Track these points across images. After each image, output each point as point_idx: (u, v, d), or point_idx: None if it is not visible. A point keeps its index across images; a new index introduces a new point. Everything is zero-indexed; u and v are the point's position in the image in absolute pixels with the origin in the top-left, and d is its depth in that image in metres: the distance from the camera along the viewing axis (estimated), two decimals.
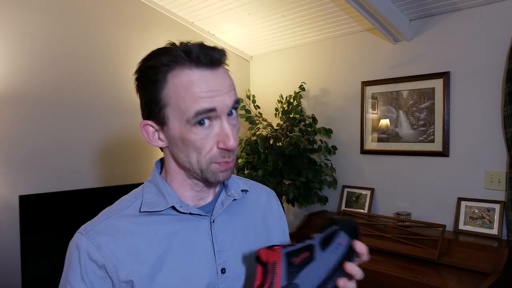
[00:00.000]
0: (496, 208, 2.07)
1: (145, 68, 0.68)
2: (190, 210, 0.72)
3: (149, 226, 0.70)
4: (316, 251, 0.63)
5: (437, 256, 1.94)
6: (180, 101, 0.64)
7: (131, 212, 0.73)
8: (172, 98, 0.64)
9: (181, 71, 0.64)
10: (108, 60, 2.61)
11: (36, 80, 2.28)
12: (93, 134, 2.53)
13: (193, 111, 0.63)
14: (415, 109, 2.41)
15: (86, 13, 2.49)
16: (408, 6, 2.25)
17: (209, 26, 3.01)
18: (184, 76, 0.64)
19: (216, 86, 0.64)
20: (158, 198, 0.72)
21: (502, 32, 2.06)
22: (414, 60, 2.42)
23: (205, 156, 0.66)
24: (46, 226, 2.02)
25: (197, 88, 0.63)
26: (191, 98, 0.63)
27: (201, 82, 0.63)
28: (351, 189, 2.71)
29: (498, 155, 2.09)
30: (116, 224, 0.70)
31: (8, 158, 2.18)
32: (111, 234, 0.69)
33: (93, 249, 0.67)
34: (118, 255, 0.67)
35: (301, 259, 0.62)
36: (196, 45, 0.64)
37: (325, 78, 2.91)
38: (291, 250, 0.63)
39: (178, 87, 0.64)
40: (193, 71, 0.64)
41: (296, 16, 2.62)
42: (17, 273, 1.98)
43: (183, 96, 0.63)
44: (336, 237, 0.64)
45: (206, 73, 0.64)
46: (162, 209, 0.71)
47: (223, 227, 0.75)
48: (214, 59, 0.65)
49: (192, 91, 0.63)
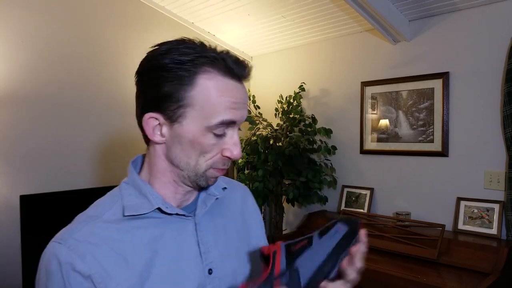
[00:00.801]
0: (495, 208, 2.07)
1: (169, 61, 0.63)
2: (176, 211, 0.69)
3: (133, 231, 0.66)
4: (313, 239, 0.65)
5: (436, 256, 1.95)
6: (209, 106, 0.63)
7: (111, 217, 0.67)
8: (200, 101, 0.63)
9: (215, 76, 0.63)
10: (108, 60, 2.61)
11: (36, 80, 2.28)
12: (93, 134, 2.53)
13: (218, 119, 0.63)
14: (414, 109, 2.41)
15: (86, 13, 2.50)
16: (408, 6, 2.26)
17: (210, 26, 3.01)
18: (220, 82, 0.63)
19: (242, 99, 0.66)
20: (140, 200, 0.68)
21: (502, 32, 2.07)
22: (414, 61, 2.42)
23: (208, 160, 0.66)
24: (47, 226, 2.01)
25: (230, 98, 0.63)
26: (222, 106, 0.63)
27: (234, 93, 0.64)
28: (351, 189, 2.72)
29: (497, 155, 2.09)
30: (97, 231, 0.65)
31: (8, 158, 2.18)
32: (94, 243, 0.63)
33: (76, 259, 0.61)
34: (105, 265, 0.62)
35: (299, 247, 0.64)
36: (228, 55, 0.65)
37: (325, 78, 2.91)
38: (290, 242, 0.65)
39: (211, 91, 0.62)
40: (228, 80, 0.64)
41: (296, 16, 2.63)
42: (18, 273, 1.98)
43: (214, 102, 0.63)
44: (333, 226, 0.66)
45: (238, 85, 0.65)
46: (146, 211, 0.67)
47: (206, 227, 0.73)
48: (246, 74, 0.66)
49: (225, 100, 0.63)
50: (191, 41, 0.66)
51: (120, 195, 0.70)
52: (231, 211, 0.82)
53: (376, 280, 1.89)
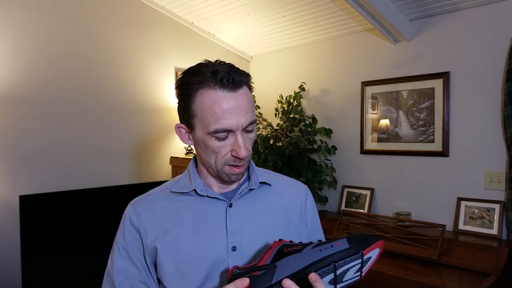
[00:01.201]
0: (496, 208, 2.07)
1: (181, 83, 0.80)
2: (208, 194, 0.85)
3: (176, 203, 0.86)
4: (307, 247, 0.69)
5: (437, 256, 1.94)
6: (204, 116, 0.76)
7: (167, 191, 0.89)
8: (198, 112, 0.77)
9: (207, 90, 0.76)
10: (108, 60, 2.61)
11: (36, 80, 2.28)
12: (93, 134, 2.53)
13: (212, 128, 0.75)
14: (415, 109, 2.41)
15: (86, 13, 2.50)
16: (408, 6, 2.25)
17: (209, 26, 3.01)
18: (209, 96, 0.75)
19: (235, 108, 0.75)
20: (187, 183, 0.88)
21: (502, 32, 2.06)
22: (414, 60, 2.42)
23: (221, 159, 0.79)
24: (46, 226, 2.02)
25: (218, 108, 0.74)
26: (213, 116, 0.75)
27: (222, 103, 0.74)
28: (351, 189, 2.71)
29: (498, 155, 2.09)
30: (155, 199, 0.88)
31: (8, 158, 2.18)
32: (148, 207, 0.86)
33: (134, 216, 0.85)
34: (149, 223, 0.84)
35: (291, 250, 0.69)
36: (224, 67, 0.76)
37: (325, 78, 2.91)
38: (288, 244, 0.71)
39: (203, 104, 0.76)
40: (217, 92, 0.75)
41: (296, 16, 2.62)
42: (18, 273, 1.98)
43: (206, 113, 0.75)
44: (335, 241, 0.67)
45: (228, 95, 0.75)
46: (187, 191, 0.86)
47: (239, 211, 0.86)
48: (235, 82, 0.75)
49: (214, 111, 0.75)
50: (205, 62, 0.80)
51: (180, 177, 0.92)
52: (274, 204, 0.91)
53: (376, 280, 1.89)
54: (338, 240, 0.67)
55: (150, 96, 2.82)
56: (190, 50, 3.03)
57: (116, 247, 0.86)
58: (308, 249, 0.67)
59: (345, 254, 0.65)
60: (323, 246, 0.67)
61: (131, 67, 2.71)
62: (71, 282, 2.10)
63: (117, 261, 0.85)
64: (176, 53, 2.95)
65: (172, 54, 2.93)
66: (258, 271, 0.67)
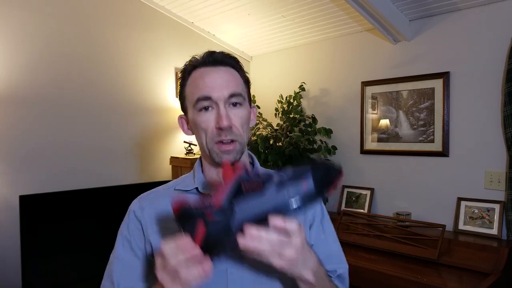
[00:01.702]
0: (496, 208, 2.07)
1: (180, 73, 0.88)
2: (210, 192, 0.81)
3: None
4: (269, 187, 0.61)
5: (437, 256, 1.94)
6: (190, 93, 0.83)
7: (172, 189, 0.91)
8: (188, 90, 0.84)
9: (194, 72, 0.83)
10: (108, 60, 2.61)
11: (36, 80, 2.28)
12: (93, 134, 2.53)
13: (195, 98, 0.80)
14: (415, 109, 2.41)
15: (86, 13, 2.50)
16: (408, 6, 2.25)
17: (209, 26, 3.01)
18: (194, 74, 0.83)
19: (215, 79, 0.80)
20: (190, 181, 0.89)
21: (502, 32, 2.06)
22: (414, 60, 2.42)
23: (209, 136, 0.81)
24: (46, 226, 2.02)
25: (200, 80, 0.81)
26: (196, 88, 0.81)
27: (203, 76, 0.81)
28: (351, 189, 2.71)
29: (498, 155, 2.09)
30: (160, 195, 0.90)
31: (8, 158, 2.18)
32: (152, 202, 0.88)
33: (138, 209, 0.88)
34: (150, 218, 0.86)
35: (250, 190, 0.61)
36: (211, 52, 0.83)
37: (325, 78, 2.91)
38: (247, 178, 0.62)
39: (191, 81, 0.83)
40: (201, 68, 0.83)
41: (296, 16, 2.62)
42: (17, 273, 1.98)
43: (192, 89, 0.82)
44: (300, 179, 0.61)
45: (208, 69, 0.82)
46: (189, 189, 0.87)
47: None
48: (216, 59, 0.82)
49: (197, 83, 0.81)
50: None
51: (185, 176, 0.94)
52: None
53: (376, 280, 1.89)
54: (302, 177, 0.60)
55: (150, 96, 2.81)
56: (190, 50, 3.00)
57: (120, 238, 0.88)
58: (271, 192, 0.60)
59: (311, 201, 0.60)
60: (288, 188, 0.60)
61: (131, 67, 2.71)
62: (71, 282, 2.10)
63: (119, 251, 0.86)
64: (176, 53, 2.95)
65: (172, 54, 2.93)
66: (214, 214, 0.59)
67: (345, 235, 2.30)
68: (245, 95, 0.84)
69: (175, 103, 2.97)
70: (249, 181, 0.62)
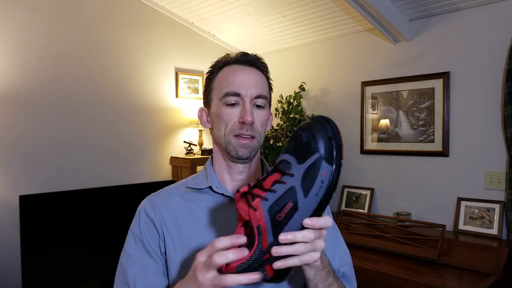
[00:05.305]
0: (496, 208, 2.07)
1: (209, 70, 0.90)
2: (223, 191, 0.87)
3: (190, 200, 0.89)
4: (299, 199, 0.59)
5: (437, 256, 1.94)
6: (219, 85, 0.86)
7: (183, 187, 0.92)
8: (216, 85, 0.87)
9: (226, 67, 0.87)
10: (108, 60, 2.61)
11: (36, 80, 2.28)
12: (93, 134, 2.53)
13: (224, 91, 0.83)
14: (415, 109, 2.41)
15: (86, 13, 2.50)
16: (408, 6, 2.25)
17: (209, 26, 3.01)
18: (227, 69, 0.87)
19: (245, 78, 0.84)
20: (203, 179, 0.90)
21: (502, 32, 2.06)
22: (414, 60, 2.42)
23: (229, 128, 0.83)
24: (46, 226, 2.02)
25: (232, 75, 0.85)
26: (226, 82, 0.84)
27: (235, 72, 0.85)
28: (351, 189, 2.71)
29: (498, 155, 2.09)
30: (170, 194, 0.91)
31: (8, 158, 2.18)
32: (164, 200, 0.89)
33: (149, 208, 0.88)
34: (164, 215, 0.86)
35: (285, 213, 0.59)
36: (246, 53, 0.87)
37: (325, 78, 2.91)
38: (274, 204, 0.59)
39: (221, 76, 0.87)
40: (233, 65, 0.87)
41: (296, 16, 2.62)
42: (17, 273, 1.97)
43: (222, 82, 0.85)
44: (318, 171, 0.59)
45: (241, 68, 0.86)
46: (203, 187, 0.88)
47: None
48: (249, 60, 0.87)
49: (228, 78, 0.85)
50: None
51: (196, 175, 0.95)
52: None
53: (376, 280, 1.89)
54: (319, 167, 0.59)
55: (150, 96, 2.81)
56: (190, 50, 3.03)
57: (132, 237, 0.87)
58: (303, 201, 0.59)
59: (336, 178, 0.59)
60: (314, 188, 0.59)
61: (131, 67, 2.71)
62: (71, 282, 2.09)
63: (133, 250, 0.86)
64: (176, 53, 2.95)
65: (172, 54, 2.93)
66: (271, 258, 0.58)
67: (345, 235, 2.29)
68: (268, 99, 0.88)
69: (175, 103, 2.97)
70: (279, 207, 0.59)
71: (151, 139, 2.84)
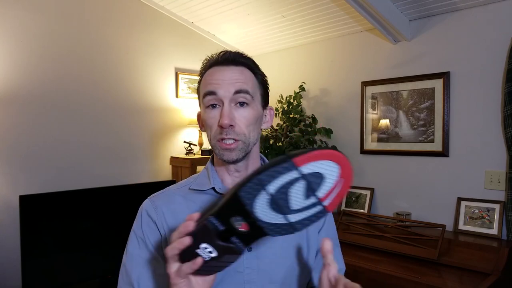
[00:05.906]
0: (496, 208, 2.07)
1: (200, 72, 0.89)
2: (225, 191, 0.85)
3: (192, 201, 0.88)
4: None
5: (437, 256, 1.94)
6: (201, 88, 0.86)
7: (185, 189, 0.91)
8: (200, 88, 0.86)
9: (208, 68, 0.86)
10: (108, 60, 2.61)
11: (36, 80, 2.28)
12: (93, 134, 2.53)
13: (203, 93, 0.83)
14: (415, 109, 2.41)
15: (86, 13, 2.50)
16: (408, 6, 2.25)
17: (209, 26, 3.01)
18: (209, 71, 0.85)
19: (222, 76, 0.82)
20: (205, 180, 0.89)
21: (502, 32, 2.06)
22: (414, 60, 2.42)
23: (213, 133, 0.83)
24: (46, 226, 2.02)
25: (209, 77, 0.84)
26: (204, 84, 0.84)
27: (213, 73, 0.83)
28: (351, 189, 2.71)
29: (498, 155, 2.09)
30: (172, 195, 0.90)
31: (8, 158, 2.18)
32: (166, 201, 0.88)
33: (151, 209, 0.87)
34: (166, 215, 0.86)
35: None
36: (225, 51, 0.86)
37: (325, 78, 2.91)
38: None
39: (203, 79, 0.86)
40: (214, 67, 0.85)
41: (296, 16, 2.62)
42: (17, 273, 1.98)
43: (202, 84, 0.85)
44: None
45: (218, 68, 0.84)
46: (205, 188, 0.87)
47: None
48: (227, 58, 0.84)
49: (206, 79, 0.84)
50: None
51: (197, 175, 0.94)
52: None
53: (376, 280, 1.89)
54: None
55: (150, 96, 2.82)
56: (190, 50, 3.03)
57: (134, 238, 0.87)
58: None
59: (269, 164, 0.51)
60: None
61: (131, 67, 2.71)
62: (71, 282, 2.09)
63: (136, 251, 0.85)
64: (176, 53, 2.95)
65: (172, 54, 2.93)
66: None
67: (345, 235, 2.30)
68: (255, 94, 0.84)
69: (175, 103, 2.98)
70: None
71: (151, 139, 2.84)
